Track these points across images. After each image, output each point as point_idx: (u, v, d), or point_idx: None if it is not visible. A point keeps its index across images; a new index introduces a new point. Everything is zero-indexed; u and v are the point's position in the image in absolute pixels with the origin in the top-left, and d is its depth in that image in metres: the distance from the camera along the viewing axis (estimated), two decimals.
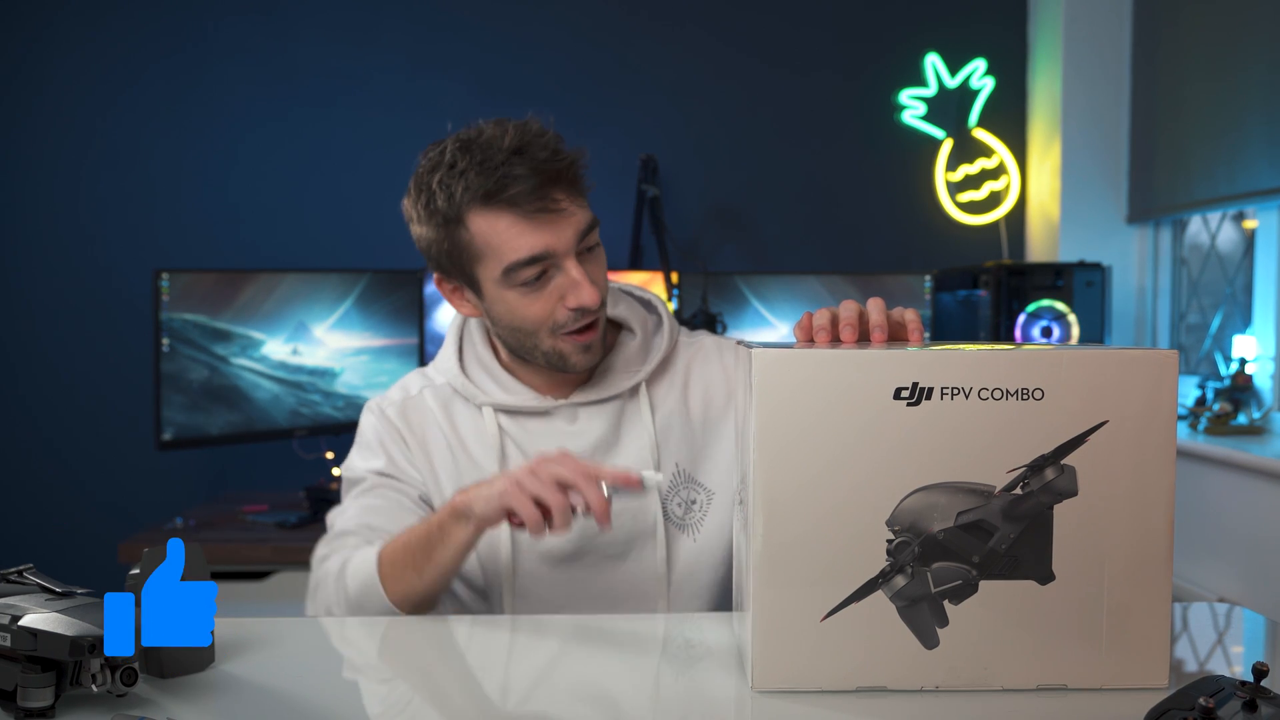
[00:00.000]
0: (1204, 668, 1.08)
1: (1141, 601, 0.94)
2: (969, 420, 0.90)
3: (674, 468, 1.31)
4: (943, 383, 0.90)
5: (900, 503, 0.91)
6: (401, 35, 3.14)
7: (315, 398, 2.70)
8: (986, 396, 0.90)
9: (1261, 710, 0.76)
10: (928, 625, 0.92)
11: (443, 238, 1.23)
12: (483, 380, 1.32)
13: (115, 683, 0.88)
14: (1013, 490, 0.91)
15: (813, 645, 0.92)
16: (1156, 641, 0.95)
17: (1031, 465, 0.91)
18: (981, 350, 0.92)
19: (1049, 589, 0.93)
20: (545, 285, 1.22)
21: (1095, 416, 0.91)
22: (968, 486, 0.91)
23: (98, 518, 3.05)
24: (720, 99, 3.21)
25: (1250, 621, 1.24)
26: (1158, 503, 0.93)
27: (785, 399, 0.91)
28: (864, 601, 0.92)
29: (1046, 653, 0.94)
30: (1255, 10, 2.54)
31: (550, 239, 1.20)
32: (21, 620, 0.85)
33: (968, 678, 0.93)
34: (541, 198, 1.19)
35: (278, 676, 1.00)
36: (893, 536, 0.91)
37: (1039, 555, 0.92)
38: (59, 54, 3.08)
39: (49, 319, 3.10)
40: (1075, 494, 0.92)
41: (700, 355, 1.37)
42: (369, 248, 3.01)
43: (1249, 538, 2.32)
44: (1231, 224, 2.89)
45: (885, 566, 0.91)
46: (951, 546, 0.91)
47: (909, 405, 0.90)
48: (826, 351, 0.92)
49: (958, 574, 0.92)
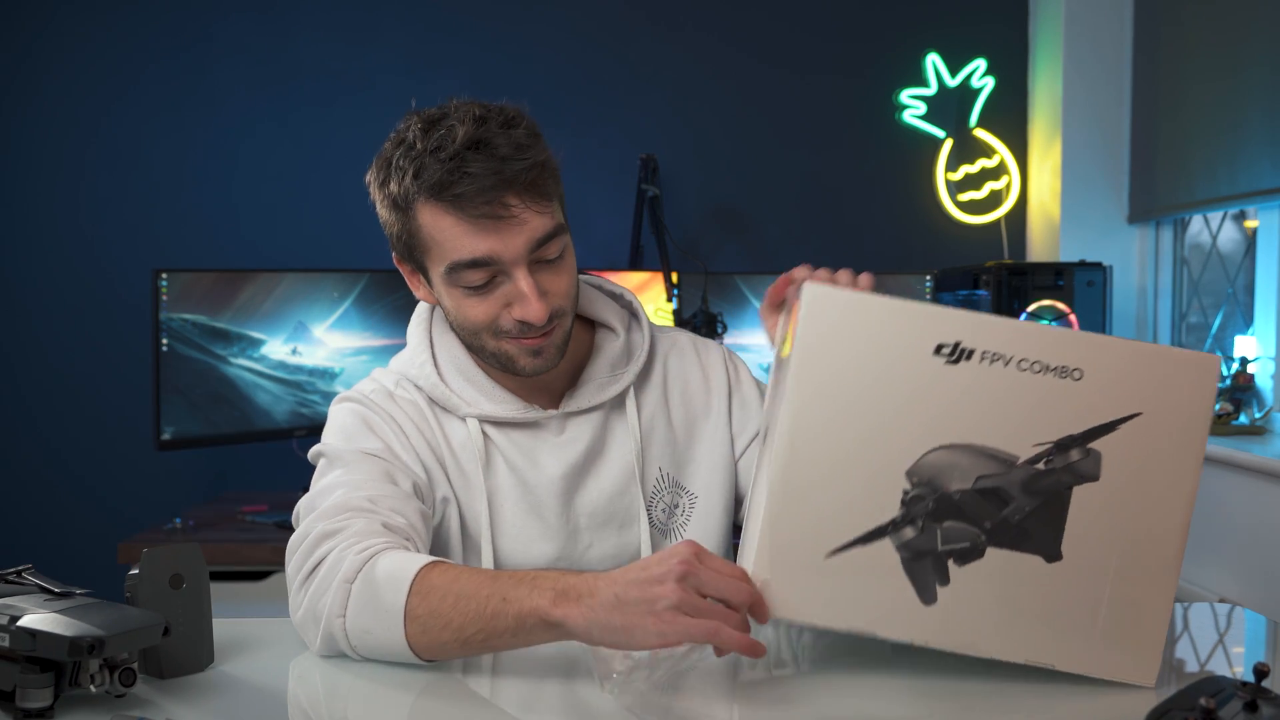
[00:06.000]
0: (1204, 668, 1.07)
1: (1144, 599, 0.94)
2: (1004, 387, 0.90)
3: (657, 472, 1.26)
4: (985, 346, 0.90)
5: (923, 456, 0.91)
6: (401, 35, 3.14)
7: (315, 398, 2.70)
8: (1026, 368, 0.90)
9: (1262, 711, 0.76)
10: (929, 581, 0.92)
11: (395, 221, 1.15)
12: (464, 389, 1.22)
13: (114, 683, 0.88)
14: (1036, 464, 0.91)
15: (813, 579, 0.91)
16: (1152, 641, 0.94)
17: (1059, 443, 0.91)
18: (1029, 322, 0.92)
19: (1054, 568, 0.92)
20: (492, 290, 1.13)
21: (1130, 407, 0.91)
22: (991, 452, 0.91)
23: (97, 518, 3.04)
24: (720, 99, 3.21)
25: (1251, 622, 1.24)
26: (1177, 504, 0.93)
27: (829, 333, 0.90)
28: (871, 546, 0.91)
29: (1040, 630, 0.93)
30: (1256, 10, 2.54)
31: (496, 245, 1.10)
32: (20, 621, 0.85)
33: (958, 640, 0.93)
34: (489, 201, 1.08)
35: (276, 677, 0.99)
36: (910, 488, 0.91)
37: (1050, 533, 0.92)
38: (59, 54, 3.08)
39: (49, 319, 3.10)
40: (1097, 479, 0.92)
41: (676, 352, 1.32)
42: (368, 248, 2.99)
43: (1250, 538, 2.31)
44: (1233, 223, 2.89)
45: (897, 516, 0.91)
46: (966, 508, 0.91)
47: (948, 362, 0.90)
48: (877, 297, 0.91)
49: (967, 536, 0.92)
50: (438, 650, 0.97)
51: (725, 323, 2.83)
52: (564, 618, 0.90)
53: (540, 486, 1.21)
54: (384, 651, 0.99)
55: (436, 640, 0.96)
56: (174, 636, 0.92)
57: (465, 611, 0.94)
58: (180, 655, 0.97)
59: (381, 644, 0.98)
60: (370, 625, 0.98)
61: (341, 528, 1.05)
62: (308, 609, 1.03)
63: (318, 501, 1.12)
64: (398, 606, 0.96)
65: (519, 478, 1.21)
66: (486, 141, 1.09)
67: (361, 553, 1.02)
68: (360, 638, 0.99)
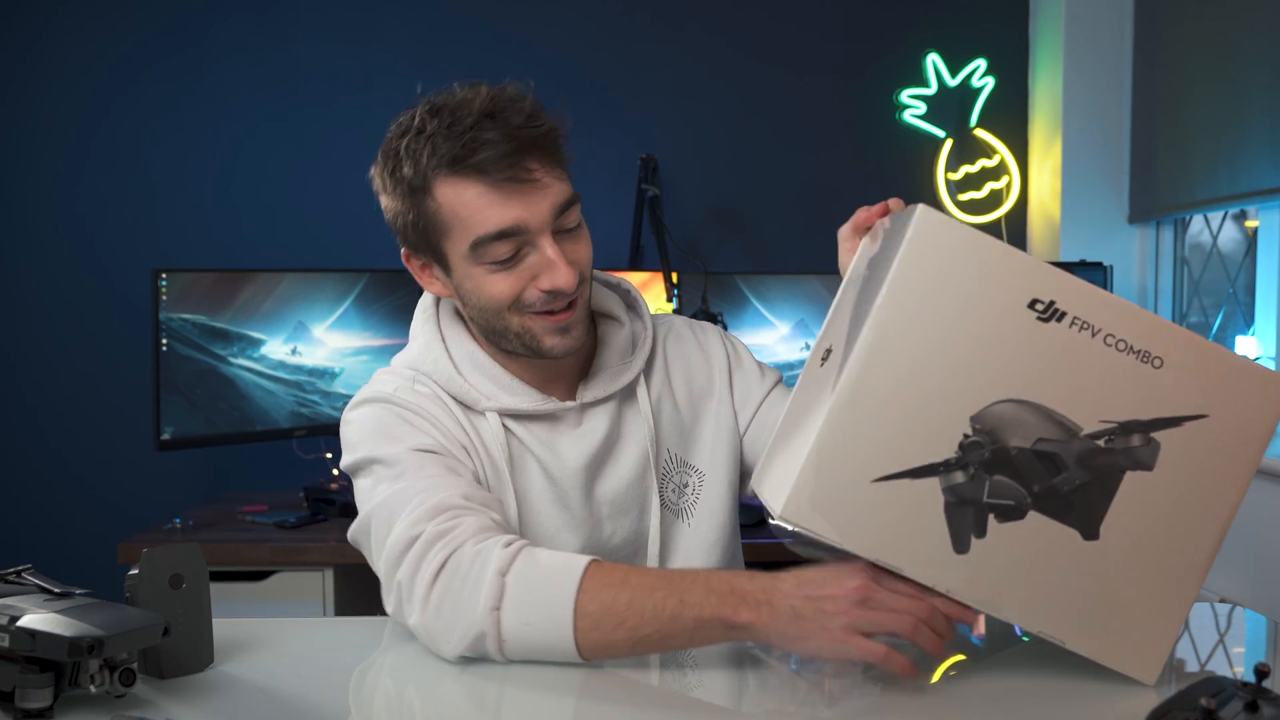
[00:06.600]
0: (1205, 668, 1.07)
1: (1164, 599, 0.94)
2: (1086, 357, 0.90)
3: (667, 454, 1.28)
4: (1078, 313, 0.90)
5: (990, 406, 0.90)
6: (401, 35, 3.14)
7: (315, 398, 2.70)
8: (1112, 344, 0.90)
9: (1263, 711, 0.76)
10: (965, 530, 0.91)
11: (409, 208, 1.14)
12: (481, 382, 1.21)
13: (114, 683, 0.88)
14: (1097, 440, 0.91)
15: (854, 500, 0.90)
16: (1162, 641, 0.94)
17: (1124, 424, 0.91)
18: (1126, 300, 0.91)
19: (1089, 547, 0.92)
20: (517, 264, 1.12)
21: (1200, 406, 0.91)
22: (1058, 417, 0.90)
23: (97, 518, 3.04)
24: (720, 99, 3.21)
25: (1251, 622, 1.24)
26: (1219, 512, 0.93)
27: (932, 260, 0.89)
28: (919, 482, 0.90)
29: (1060, 605, 0.93)
30: (1256, 10, 2.54)
31: (522, 212, 1.10)
32: (20, 621, 0.85)
33: (979, 595, 0.92)
34: (513, 165, 1.08)
35: (276, 677, 0.99)
36: (970, 433, 0.90)
37: (1094, 511, 0.92)
38: (59, 54, 3.08)
39: (49, 319, 3.09)
40: (1151, 469, 0.92)
41: (673, 335, 1.34)
42: (368, 248, 3.00)
43: (1251, 538, 2.31)
44: (1233, 223, 2.89)
45: (952, 458, 0.90)
46: (1020, 466, 0.91)
47: (1039, 319, 0.90)
48: (987, 237, 0.91)
49: (1014, 494, 0.91)
50: (605, 648, 0.98)
51: (725, 323, 2.83)
52: (750, 623, 0.95)
53: (564, 478, 1.22)
54: (541, 648, 0.98)
55: (608, 638, 0.97)
56: (174, 636, 0.92)
57: (641, 611, 0.96)
58: (180, 655, 0.97)
59: (541, 639, 0.98)
60: (531, 618, 0.97)
61: (454, 526, 1.03)
62: (443, 609, 1.00)
63: (398, 509, 1.07)
64: (567, 600, 0.96)
65: (544, 470, 1.22)
66: (499, 112, 1.10)
67: (507, 546, 1.00)
68: (517, 632, 0.98)
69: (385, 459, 1.12)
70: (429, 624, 1.00)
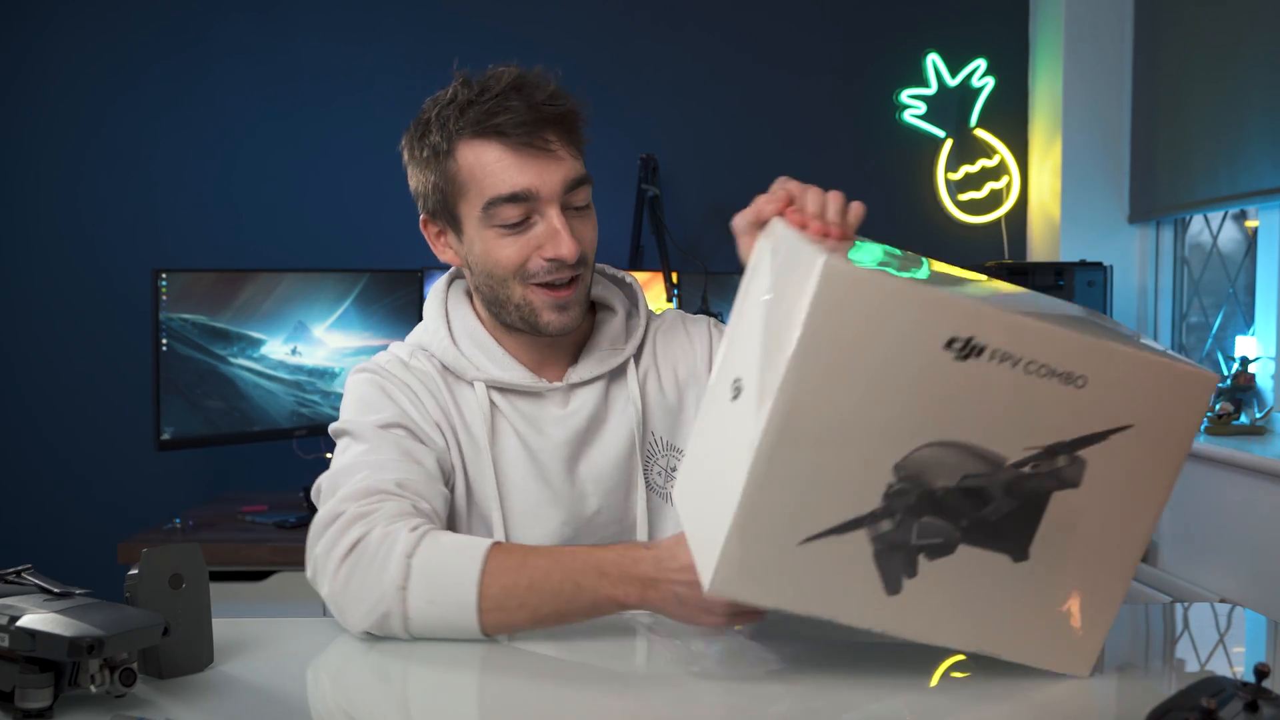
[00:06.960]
0: (1205, 668, 1.07)
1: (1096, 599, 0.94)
2: (1008, 389, 0.87)
3: (653, 435, 1.30)
4: (998, 344, 0.86)
5: (914, 451, 0.87)
6: (401, 35, 3.14)
7: (315, 398, 2.70)
8: (1033, 371, 0.87)
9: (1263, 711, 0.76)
10: (896, 573, 0.90)
11: (432, 173, 1.21)
12: (474, 354, 1.27)
13: (114, 683, 0.87)
14: (1022, 467, 0.89)
15: (781, 564, 0.88)
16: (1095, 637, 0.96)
17: (1049, 448, 0.89)
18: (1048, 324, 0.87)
19: (1018, 567, 0.92)
20: (525, 231, 1.19)
21: (1124, 418, 0.89)
22: (981, 451, 0.88)
23: (97, 518, 3.04)
24: (720, 99, 3.21)
25: (1251, 622, 1.24)
26: (1147, 514, 0.93)
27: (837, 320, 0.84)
28: (845, 536, 0.89)
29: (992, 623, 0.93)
30: (1256, 10, 2.54)
31: (534, 179, 1.17)
32: (20, 621, 0.85)
33: (913, 629, 0.93)
34: (531, 134, 1.17)
35: (276, 677, 0.99)
36: (894, 481, 0.88)
37: (1022, 533, 0.91)
38: (59, 54, 3.08)
39: (49, 319, 3.09)
40: (1078, 486, 0.90)
41: (665, 326, 1.38)
42: (368, 248, 3.01)
43: (1250, 538, 2.31)
44: (1233, 223, 2.89)
45: (877, 508, 0.88)
46: (946, 505, 0.89)
47: (957, 358, 0.85)
48: (894, 279, 0.86)
49: (942, 532, 0.90)
50: (506, 626, 1.04)
51: (725, 323, 2.83)
52: (640, 603, 1.03)
53: (545, 452, 1.25)
54: (444, 627, 1.03)
55: (510, 618, 1.04)
56: (174, 636, 0.92)
57: (540, 592, 1.03)
58: (180, 655, 0.97)
59: (444, 619, 1.03)
60: (436, 598, 1.02)
61: (374, 510, 1.09)
62: (350, 584, 1.05)
63: (341, 481, 1.15)
64: (470, 582, 1.02)
65: (525, 444, 1.25)
66: (525, 86, 1.19)
67: (415, 530, 1.06)
68: (422, 611, 1.03)
69: (353, 431, 1.22)
70: (337, 597, 1.06)
